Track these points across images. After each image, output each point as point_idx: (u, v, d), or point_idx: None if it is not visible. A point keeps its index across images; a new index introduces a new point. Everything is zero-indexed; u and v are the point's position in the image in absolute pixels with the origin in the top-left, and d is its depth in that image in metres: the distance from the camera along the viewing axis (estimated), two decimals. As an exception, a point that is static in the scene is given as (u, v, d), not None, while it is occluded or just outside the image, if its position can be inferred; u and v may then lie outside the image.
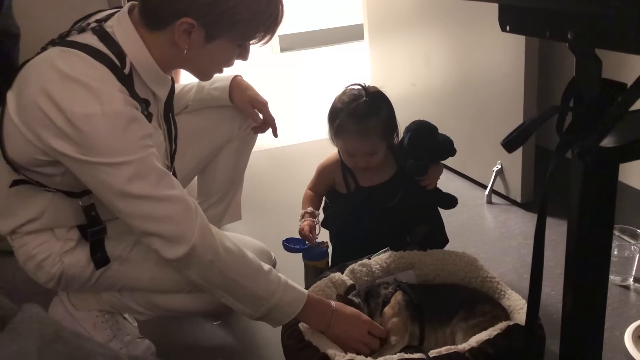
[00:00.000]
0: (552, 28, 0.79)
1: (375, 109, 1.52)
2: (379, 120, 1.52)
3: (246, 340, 1.53)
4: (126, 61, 1.14)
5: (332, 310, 1.25)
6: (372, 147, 1.53)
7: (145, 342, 1.42)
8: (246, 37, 1.20)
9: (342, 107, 1.53)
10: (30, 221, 1.24)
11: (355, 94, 1.54)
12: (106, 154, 1.06)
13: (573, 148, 0.80)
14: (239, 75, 1.56)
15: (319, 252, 1.61)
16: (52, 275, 1.28)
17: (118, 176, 1.07)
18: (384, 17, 2.69)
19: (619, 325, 1.41)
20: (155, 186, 1.09)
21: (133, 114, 1.10)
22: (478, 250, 1.83)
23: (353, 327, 1.25)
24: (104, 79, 1.09)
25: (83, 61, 1.09)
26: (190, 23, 1.11)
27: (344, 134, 1.53)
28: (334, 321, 1.24)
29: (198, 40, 1.15)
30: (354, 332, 1.25)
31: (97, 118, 1.05)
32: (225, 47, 1.19)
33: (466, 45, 2.16)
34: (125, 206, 1.10)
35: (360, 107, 1.51)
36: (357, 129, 1.50)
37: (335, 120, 1.53)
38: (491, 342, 1.16)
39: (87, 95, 1.05)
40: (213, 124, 1.57)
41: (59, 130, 1.05)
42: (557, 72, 2.27)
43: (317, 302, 1.25)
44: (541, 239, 0.86)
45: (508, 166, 2.08)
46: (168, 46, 1.16)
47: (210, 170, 1.63)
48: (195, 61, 1.22)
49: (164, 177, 1.11)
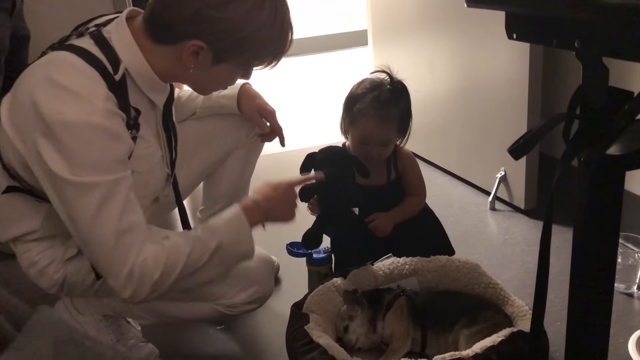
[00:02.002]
0: (559, 36, 0.80)
1: (397, 99, 1.52)
2: (399, 111, 1.52)
3: (249, 345, 1.53)
4: (120, 67, 1.12)
5: (261, 207, 1.25)
6: (388, 137, 1.52)
7: (148, 346, 1.42)
8: (254, 63, 1.21)
9: (363, 93, 1.52)
10: (30, 232, 1.24)
11: (378, 82, 1.54)
12: (79, 167, 1.04)
13: (579, 156, 0.80)
14: (248, 83, 1.54)
15: (321, 257, 1.61)
16: (54, 282, 1.28)
17: (85, 200, 1.04)
18: (388, 23, 2.70)
19: (622, 333, 1.41)
20: (114, 217, 1.06)
21: (112, 128, 1.07)
22: (481, 256, 1.82)
23: (282, 206, 1.29)
24: (90, 87, 1.07)
25: (73, 67, 1.08)
26: (200, 46, 1.11)
27: (364, 119, 1.51)
28: (269, 215, 1.26)
29: (205, 62, 1.15)
30: (286, 211, 1.30)
31: (74, 127, 1.03)
32: (231, 70, 1.20)
33: (470, 52, 2.16)
34: (82, 228, 1.08)
35: (383, 94, 1.51)
36: (378, 115, 1.49)
37: (355, 106, 1.52)
38: (495, 349, 1.16)
39: (68, 102, 1.04)
40: (220, 131, 1.56)
41: (41, 133, 1.04)
42: (562, 79, 2.28)
43: (249, 210, 1.23)
44: (547, 246, 0.86)
45: (512, 173, 2.08)
46: (172, 60, 1.16)
47: (217, 177, 1.63)
48: (198, 79, 1.22)
49: (125, 207, 1.08)
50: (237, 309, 1.36)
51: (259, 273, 1.37)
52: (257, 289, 1.36)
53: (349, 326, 1.34)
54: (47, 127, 1.03)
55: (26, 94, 1.06)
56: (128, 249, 1.08)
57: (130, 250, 1.08)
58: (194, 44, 1.11)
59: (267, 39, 1.16)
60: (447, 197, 2.25)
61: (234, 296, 1.34)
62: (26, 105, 1.05)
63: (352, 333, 1.33)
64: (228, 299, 1.34)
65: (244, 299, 1.35)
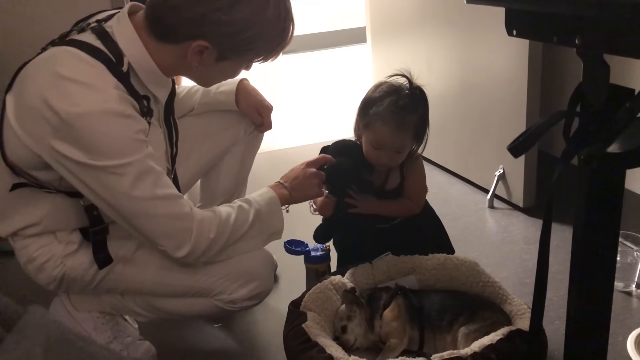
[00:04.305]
0: (560, 33, 0.79)
1: (415, 105, 1.47)
2: (417, 117, 1.47)
3: (246, 343, 1.53)
4: (124, 61, 1.13)
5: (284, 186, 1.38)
6: (403, 143, 1.48)
7: (145, 344, 1.41)
8: (256, 59, 1.23)
9: (381, 96, 1.47)
10: (30, 225, 1.24)
11: (397, 86, 1.49)
12: (105, 154, 1.06)
13: (580, 154, 0.80)
14: (245, 79, 1.55)
15: (320, 255, 1.61)
16: (53, 278, 1.28)
17: (121, 181, 1.08)
18: (386, 20, 2.69)
19: (621, 332, 1.41)
20: (154, 187, 1.12)
21: (127, 111, 1.10)
22: (480, 255, 1.82)
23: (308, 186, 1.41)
24: (98, 77, 1.08)
25: (79, 60, 1.09)
26: (205, 46, 1.12)
27: (379, 123, 1.45)
28: (294, 194, 1.39)
29: (209, 60, 1.16)
30: (310, 189, 1.42)
31: (92, 117, 1.05)
32: (235, 66, 1.22)
33: (469, 49, 2.16)
34: (126, 208, 1.12)
35: (402, 98, 1.46)
36: (395, 120, 1.44)
37: (371, 109, 1.47)
38: (493, 347, 1.15)
39: (81, 95, 1.05)
40: (219, 128, 1.56)
41: (57, 131, 1.05)
42: (561, 76, 2.27)
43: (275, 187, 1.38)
44: (547, 245, 0.85)
45: (510, 171, 2.08)
46: (176, 58, 1.16)
47: (214, 173, 1.63)
48: (202, 75, 1.24)
49: (160, 178, 1.14)
50: (237, 305, 1.36)
51: (259, 268, 1.37)
52: (258, 285, 1.36)
53: (347, 326, 1.33)
54: (63, 123, 1.04)
55: (35, 95, 1.06)
56: (181, 210, 1.16)
57: (183, 211, 1.16)
58: (199, 44, 1.12)
59: (271, 36, 1.18)
60: (445, 195, 2.25)
61: (234, 291, 1.34)
62: (36, 106, 1.06)
63: (350, 333, 1.32)
64: (228, 295, 1.34)
65: (244, 294, 1.35)
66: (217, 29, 1.11)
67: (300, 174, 1.40)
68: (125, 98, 1.11)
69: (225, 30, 1.11)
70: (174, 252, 1.18)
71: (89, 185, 1.10)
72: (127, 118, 1.10)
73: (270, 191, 1.35)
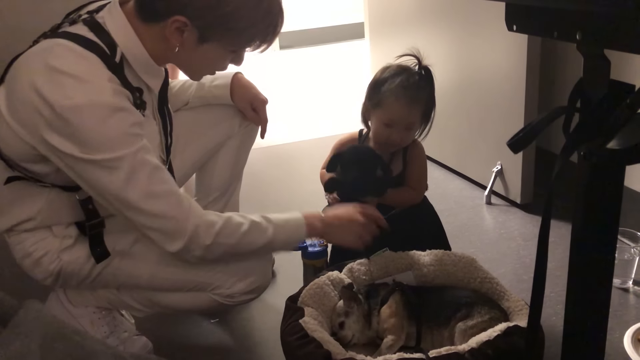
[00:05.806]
0: (561, 28, 0.79)
1: (425, 82, 1.54)
2: (426, 94, 1.54)
3: (243, 339, 1.53)
4: (117, 51, 1.13)
5: (323, 223, 1.31)
6: (414, 119, 1.53)
7: (142, 339, 1.41)
8: (240, 44, 1.20)
9: (391, 75, 1.52)
10: (26, 220, 1.23)
11: (405, 66, 1.55)
12: (98, 148, 1.06)
13: (579, 149, 0.79)
14: (240, 73, 1.54)
15: (317, 250, 1.61)
16: (49, 273, 1.27)
17: (114, 176, 1.08)
18: (385, 15, 2.68)
19: (618, 328, 1.41)
20: (149, 181, 1.11)
21: (122, 104, 1.09)
22: (477, 251, 1.82)
23: (348, 231, 1.33)
24: (92, 70, 1.08)
25: (72, 52, 1.08)
26: (184, 22, 1.11)
27: (392, 98, 1.50)
28: (329, 231, 1.33)
29: (191, 40, 1.15)
30: (350, 236, 1.34)
31: (85, 109, 1.04)
32: (219, 51, 1.19)
33: (467, 45, 2.15)
34: (120, 204, 1.11)
35: (413, 76, 1.52)
36: (407, 95, 1.50)
37: (382, 87, 1.52)
38: (491, 344, 1.15)
39: (75, 87, 1.05)
40: (213, 121, 1.56)
41: (50, 124, 1.05)
42: (559, 72, 2.27)
43: (311, 220, 1.29)
44: (546, 241, 0.85)
45: (508, 167, 2.08)
46: (159, 40, 1.16)
47: (209, 167, 1.62)
48: (186, 60, 1.22)
49: (156, 172, 1.13)
50: (235, 299, 1.35)
51: (257, 263, 1.37)
52: (256, 279, 1.36)
53: (344, 322, 1.33)
54: (57, 116, 1.04)
55: (27, 87, 1.05)
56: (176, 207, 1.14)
57: (178, 209, 1.14)
58: (176, 19, 1.11)
59: (253, 17, 1.15)
60: (443, 191, 2.25)
61: (232, 286, 1.33)
62: (29, 99, 1.05)
63: (347, 329, 1.32)
64: (226, 289, 1.34)
65: (242, 288, 1.34)
66: (193, 1, 1.10)
67: (346, 215, 1.34)
68: (120, 90, 1.10)
69: (201, 3, 1.10)
70: (165, 246, 1.17)
71: (83, 177, 1.10)
72: (121, 111, 1.09)
73: (301, 223, 1.28)
